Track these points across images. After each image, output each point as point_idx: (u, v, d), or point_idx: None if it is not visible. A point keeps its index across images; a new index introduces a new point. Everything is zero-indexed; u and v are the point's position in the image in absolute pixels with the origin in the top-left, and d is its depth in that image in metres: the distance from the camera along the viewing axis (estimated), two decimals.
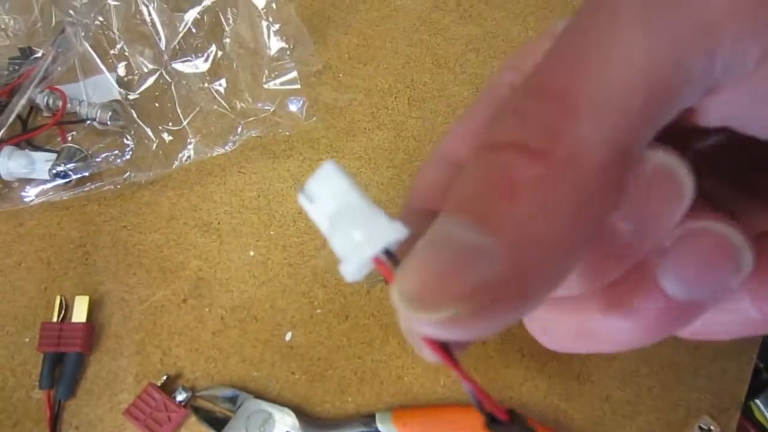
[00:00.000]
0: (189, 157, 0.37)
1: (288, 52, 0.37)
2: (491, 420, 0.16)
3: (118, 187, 0.38)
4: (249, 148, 0.40)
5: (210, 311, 0.36)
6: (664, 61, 0.12)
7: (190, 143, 0.37)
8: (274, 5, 0.35)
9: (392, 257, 0.15)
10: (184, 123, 0.37)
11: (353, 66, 0.44)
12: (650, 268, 0.15)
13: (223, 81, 0.36)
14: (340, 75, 0.44)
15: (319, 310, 0.36)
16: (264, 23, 0.36)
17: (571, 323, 0.17)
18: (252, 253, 0.37)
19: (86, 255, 0.37)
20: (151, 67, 0.36)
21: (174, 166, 0.37)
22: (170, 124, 0.37)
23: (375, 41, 0.45)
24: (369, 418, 0.32)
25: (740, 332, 0.16)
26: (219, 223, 0.38)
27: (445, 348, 0.15)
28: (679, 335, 0.17)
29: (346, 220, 0.16)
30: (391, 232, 0.15)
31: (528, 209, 0.12)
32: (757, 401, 1.25)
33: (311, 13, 0.47)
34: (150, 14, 0.34)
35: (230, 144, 0.37)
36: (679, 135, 0.16)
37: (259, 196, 0.39)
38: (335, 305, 0.36)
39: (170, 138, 0.38)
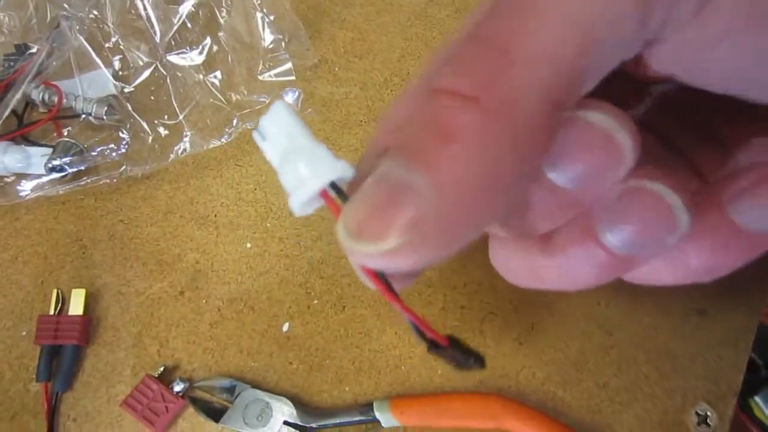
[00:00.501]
0: (185, 150, 0.37)
1: (283, 44, 0.37)
2: (432, 345, 0.17)
3: (114, 181, 0.38)
4: (245, 141, 0.40)
5: (207, 303, 0.36)
6: (596, 15, 0.13)
7: (186, 136, 0.37)
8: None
9: (341, 194, 0.16)
10: (180, 116, 0.37)
11: (349, 60, 0.44)
12: (592, 220, 0.16)
13: (218, 73, 0.36)
14: (336, 69, 0.44)
15: (316, 301, 0.36)
16: (259, 15, 0.36)
17: (524, 263, 0.18)
18: (249, 245, 0.37)
19: (83, 249, 0.37)
20: (146, 60, 0.36)
21: (170, 160, 0.37)
22: (166, 117, 0.37)
23: (370, 35, 0.45)
24: (366, 407, 0.32)
25: (681, 280, 0.17)
26: (216, 216, 0.38)
27: (384, 281, 0.16)
28: (624, 279, 0.18)
29: (295, 156, 0.17)
30: (336, 169, 0.16)
31: (459, 151, 0.13)
32: (757, 398, 1.25)
33: (306, 8, 0.47)
34: (145, 8, 0.34)
35: (226, 136, 0.37)
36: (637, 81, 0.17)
37: (255, 189, 0.39)
38: (332, 296, 0.36)
39: (166, 132, 0.38)
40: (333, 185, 0.16)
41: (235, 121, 0.37)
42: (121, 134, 0.38)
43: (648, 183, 0.15)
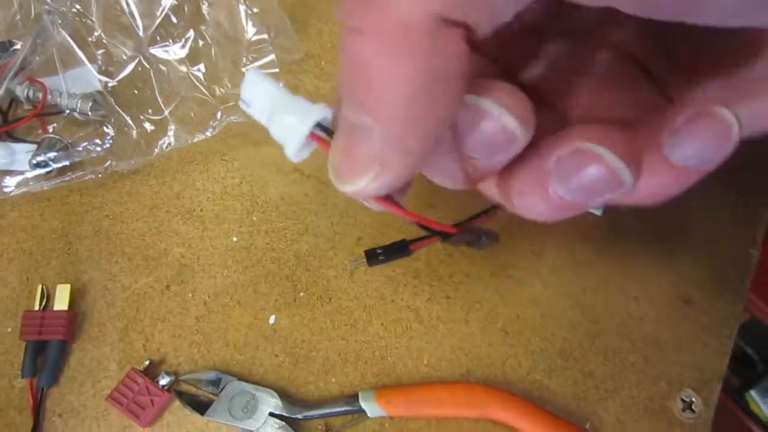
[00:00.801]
0: (170, 144, 0.37)
1: (267, 37, 0.37)
2: (445, 236, 0.19)
3: (100, 176, 0.38)
4: (231, 136, 0.40)
5: (193, 297, 0.36)
6: None
7: (171, 130, 0.37)
8: None
9: (329, 132, 0.18)
10: (165, 111, 0.37)
11: (335, 54, 0.44)
12: (544, 172, 0.17)
13: (202, 66, 0.36)
14: (322, 63, 0.44)
15: (302, 294, 0.36)
16: (242, 9, 0.36)
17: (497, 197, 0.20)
18: (235, 239, 0.37)
19: (68, 245, 0.37)
20: (130, 54, 0.36)
21: (155, 154, 0.37)
22: (150, 111, 0.37)
23: None
24: (352, 398, 0.32)
25: (623, 203, 0.18)
26: (202, 210, 0.38)
27: (386, 198, 0.19)
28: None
29: (279, 111, 0.19)
30: (317, 112, 0.18)
31: (378, 87, 0.14)
32: (752, 393, 1.25)
33: (293, 3, 0.47)
34: (127, 2, 0.34)
35: (210, 130, 0.37)
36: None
37: (241, 183, 0.39)
38: (318, 288, 0.36)
39: (151, 126, 0.38)
40: (320, 126, 0.18)
41: (219, 115, 0.37)
42: (105, 129, 0.38)
43: (593, 146, 0.16)
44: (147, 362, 0.33)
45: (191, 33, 0.36)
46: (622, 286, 0.36)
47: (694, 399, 0.34)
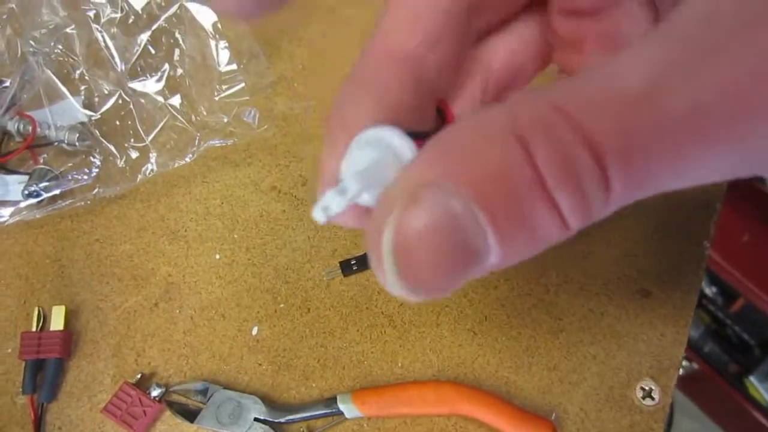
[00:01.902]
0: (152, 170, 0.40)
1: (237, 66, 0.39)
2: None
3: (88, 202, 0.40)
4: (211, 159, 0.42)
5: (180, 312, 0.38)
6: None
7: (152, 157, 0.39)
8: (220, 25, 0.38)
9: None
10: (147, 139, 0.40)
11: (306, 76, 0.47)
12: None
13: (178, 97, 0.39)
14: (295, 84, 0.46)
15: (282, 305, 0.38)
16: (212, 41, 0.38)
17: None
18: (218, 257, 0.40)
19: (62, 268, 0.39)
20: (110, 88, 0.38)
21: (139, 180, 0.40)
22: (133, 140, 0.39)
23: (327, 51, 0.48)
24: (331, 400, 0.34)
25: None
26: (186, 231, 0.41)
27: None
28: None
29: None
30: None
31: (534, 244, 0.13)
32: (752, 378, 1.26)
33: (264, 27, 0.49)
34: (104, 40, 0.37)
35: (190, 155, 0.40)
36: None
37: (222, 203, 0.41)
38: (297, 299, 0.38)
39: (135, 154, 0.40)
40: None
41: (197, 140, 0.40)
42: (92, 159, 0.40)
43: None
44: (139, 376, 0.36)
45: (166, 66, 0.38)
46: (584, 283, 0.39)
47: (653, 387, 0.36)
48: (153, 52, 0.39)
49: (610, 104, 0.12)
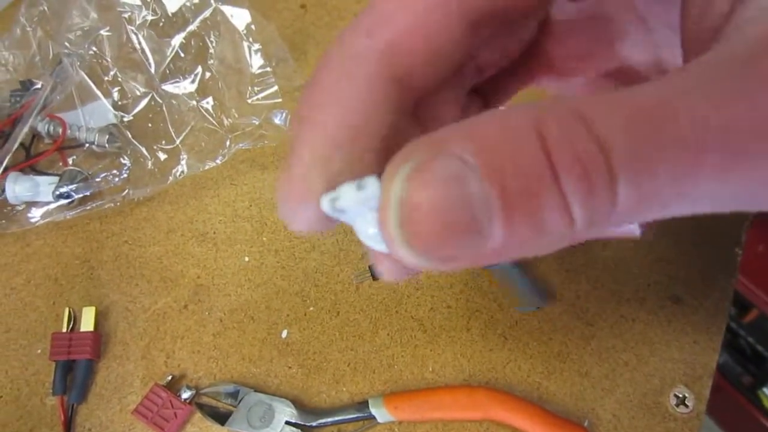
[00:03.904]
0: (183, 172, 0.40)
1: (270, 69, 0.39)
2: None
3: (118, 204, 0.40)
4: (239, 161, 0.43)
5: (210, 315, 0.38)
6: None
7: (183, 159, 0.39)
8: (253, 26, 0.38)
9: None
10: (177, 141, 0.40)
11: None
12: None
13: (210, 99, 0.39)
14: None
15: (311, 308, 0.38)
16: (245, 44, 0.38)
17: None
18: (247, 259, 0.40)
19: (91, 270, 0.39)
20: (143, 90, 0.38)
21: (169, 182, 0.40)
22: (163, 142, 0.40)
23: None
24: (362, 404, 0.34)
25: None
26: (214, 233, 0.41)
27: None
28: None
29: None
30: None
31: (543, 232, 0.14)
32: (765, 390, 1.24)
33: (293, 32, 0.49)
34: (139, 42, 0.37)
35: (220, 158, 0.40)
36: None
37: (251, 206, 0.41)
38: (327, 302, 0.38)
39: (164, 156, 0.40)
40: None
41: (228, 143, 0.40)
42: (122, 160, 0.40)
43: None
44: (169, 377, 0.35)
45: (199, 68, 0.38)
46: (615, 288, 0.38)
47: (686, 394, 0.35)
48: (185, 54, 0.39)
49: (624, 114, 0.13)
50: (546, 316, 0.38)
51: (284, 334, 0.37)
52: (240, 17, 0.38)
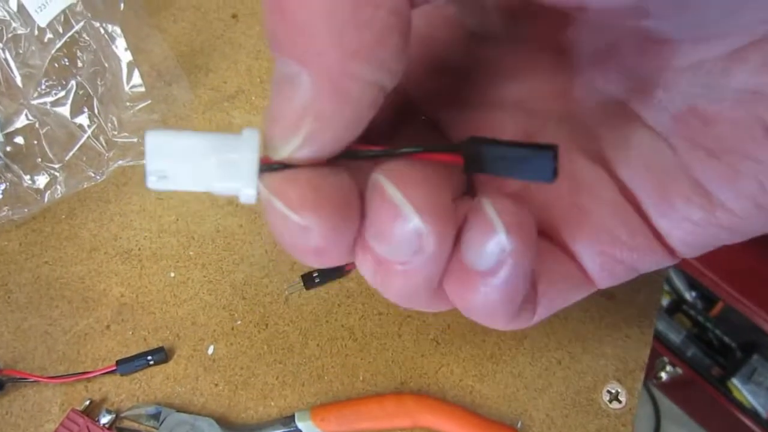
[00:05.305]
0: (62, 191, 0.39)
1: (147, 85, 0.39)
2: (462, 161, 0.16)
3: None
4: None
5: (133, 334, 0.37)
6: None
7: (60, 178, 0.38)
8: (126, 43, 0.38)
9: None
10: (55, 160, 0.38)
11: (265, 89, 0.46)
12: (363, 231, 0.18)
13: (85, 116, 0.38)
14: (253, 98, 0.46)
15: (239, 322, 0.37)
16: (120, 60, 0.38)
17: None
18: (172, 275, 0.39)
19: (8, 293, 0.38)
20: (15, 108, 0.37)
21: (46, 201, 0.38)
22: (39, 160, 0.38)
23: None
24: (289, 419, 0.33)
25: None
26: (139, 249, 0.39)
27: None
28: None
29: (209, 157, 0.15)
30: (249, 135, 0.16)
31: (320, 42, 0.13)
32: (734, 380, 1.26)
33: (224, 42, 0.49)
34: (6, 57, 0.36)
35: (99, 175, 0.39)
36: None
37: (177, 220, 0.40)
38: (255, 315, 0.37)
39: (42, 175, 0.39)
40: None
41: (107, 159, 0.39)
42: None
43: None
44: (87, 402, 0.34)
45: (72, 84, 0.37)
46: None
47: (619, 390, 0.35)
48: (59, 69, 0.38)
49: None
50: None
51: (210, 350, 0.36)
52: (112, 32, 0.37)
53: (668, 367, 1.16)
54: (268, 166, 0.16)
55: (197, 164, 0.16)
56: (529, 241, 0.17)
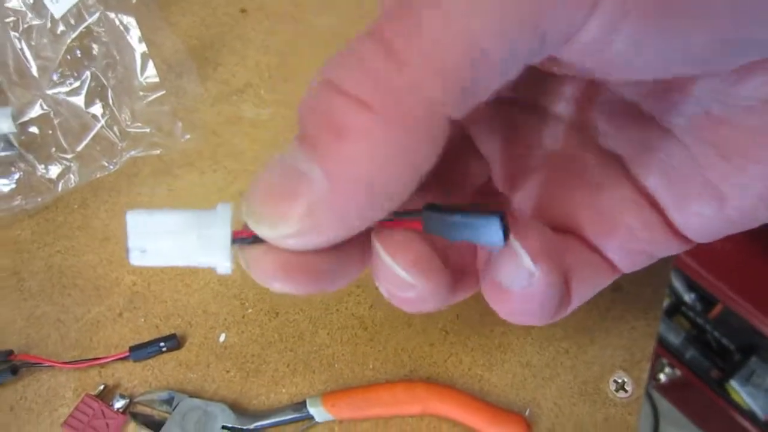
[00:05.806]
0: (75, 181, 0.39)
1: (161, 75, 0.39)
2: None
3: (7, 214, 0.39)
4: (177, 166, 0.42)
5: (145, 321, 0.37)
6: (481, 28, 0.13)
7: (74, 168, 0.39)
8: (140, 33, 0.38)
9: (246, 227, 0.17)
10: (68, 149, 0.39)
11: (274, 83, 0.47)
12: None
13: (99, 106, 0.38)
14: (261, 91, 0.46)
15: (250, 310, 0.37)
16: (134, 51, 0.38)
17: None
18: None
19: (21, 282, 0.38)
20: (30, 97, 0.37)
21: (60, 191, 0.39)
22: (54, 150, 0.39)
23: (293, 58, 0.48)
24: (300, 405, 0.33)
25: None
26: None
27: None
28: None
29: (186, 233, 0.17)
30: (222, 210, 0.17)
31: (350, 149, 0.14)
32: (733, 382, 1.26)
33: (233, 37, 0.49)
34: (23, 48, 0.36)
35: (113, 165, 0.39)
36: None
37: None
38: (265, 304, 0.38)
39: (56, 164, 0.39)
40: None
41: (121, 150, 0.39)
42: (12, 169, 0.39)
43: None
44: (101, 387, 0.34)
45: (87, 75, 0.38)
46: None
47: (625, 379, 0.36)
48: (72, 61, 0.39)
49: None
50: (487, 308, 0.38)
51: (222, 337, 0.37)
52: (128, 23, 0.38)
53: (667, 369, 1.17)
54: (241, 240, 0.17)
55: (175, 241, 0.17)
56: (555, 260, 0.18)
